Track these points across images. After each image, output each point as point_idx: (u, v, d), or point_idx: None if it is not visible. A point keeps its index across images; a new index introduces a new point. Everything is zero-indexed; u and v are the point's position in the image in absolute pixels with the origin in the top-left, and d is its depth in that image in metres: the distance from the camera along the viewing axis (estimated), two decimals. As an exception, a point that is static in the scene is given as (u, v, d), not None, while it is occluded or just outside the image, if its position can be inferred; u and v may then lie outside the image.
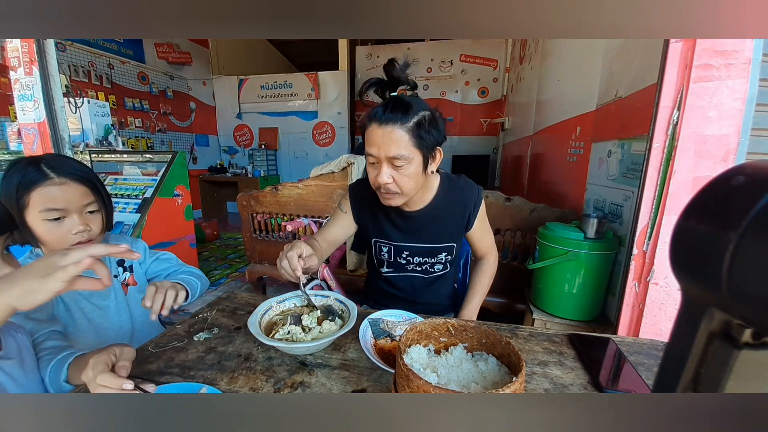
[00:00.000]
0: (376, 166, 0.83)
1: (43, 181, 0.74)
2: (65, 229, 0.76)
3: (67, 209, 0.76)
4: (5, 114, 2.99)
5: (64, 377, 0.65)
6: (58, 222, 0.76)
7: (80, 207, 0.78)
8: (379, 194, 0.88)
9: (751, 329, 0.19)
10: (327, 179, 2.06)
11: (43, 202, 0.73)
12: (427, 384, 0.40)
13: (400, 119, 0.78)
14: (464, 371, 0.51)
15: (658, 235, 1.06)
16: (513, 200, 1.69)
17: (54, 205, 0.74)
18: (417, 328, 0.55)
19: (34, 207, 0.73)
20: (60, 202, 0.75)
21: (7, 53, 1.57)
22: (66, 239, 0.76)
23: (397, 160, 0.80)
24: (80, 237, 0.78)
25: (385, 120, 0.78)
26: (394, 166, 0.81)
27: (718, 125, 0.97)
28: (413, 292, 1.06)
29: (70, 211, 0.76)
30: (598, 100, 1.58)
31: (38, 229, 0.75)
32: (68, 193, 0.76)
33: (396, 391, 0.47)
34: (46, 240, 0.77)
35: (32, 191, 0.73)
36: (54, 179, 0.75)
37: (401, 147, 0.79)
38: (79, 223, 0.77)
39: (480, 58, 5.10)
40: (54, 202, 0.74)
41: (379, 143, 0.79)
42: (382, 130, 0.79)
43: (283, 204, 2.18)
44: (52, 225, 0.75)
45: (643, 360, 0.73)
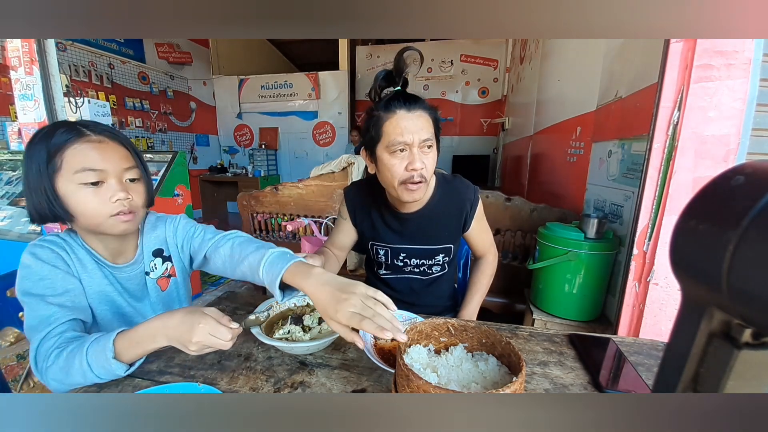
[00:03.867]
0: (404, 154, 0.82)
1: (79, 138, 0.64)
2: (104, 195, 0.65)
3: (105, 171, 0.65)
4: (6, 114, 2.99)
5: (111, 354, 0.59)
6: (95, 187, 0.65)
7: (120, 171, 0.67)
8: (403, 189, 0.84)
9: (751, 329, 0.19)
10: (327, 179, 2.06)
11: (79, 161, 0.63)
12: (427, 384, 0.40)
13: (423, 105, 0.82)
14: (464, 371, 0.51)
15: (658, 235, 1.06)
16: (513, 200, 1.69)
17: (92, 165, 0.64)
18: (417, 328, 0.55)
19: (67, 169, 0.63)
20: (98, 162, 0.64)
21: (7, 53, 1.57)
22: (105, 208, 0.66)
23: (428, 141, 0.82)
24: (120, 206, 0.67)
25: (413, 106, 0.80)
26: (424, 150, 0.83)
27: (719, 125, 0.97)
28: (412, 295, 1.06)
29: (108, 174, 0.66)
30: (598, 100, 1.58)
31: (72, 196, 0.64)
32: (107, 152, 0.66)
33: (396, 391, 0.47)
34: (81, 210, 0.65)
35: (65, 150, 0.63)
36: (90, 136, 0.65)
37: (429, 130, 0.82)
38: (120, 189, 0.66)
39: (480, 58, 5.10)
40: (91, 162, 0.64)
41: (412, 128, 0.79)
42: (412, 114, 0.80)
43: (284, 204, 2.18)
44: (89, 191, 0.64)
45: (643, 360, 0.73)
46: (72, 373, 0.59)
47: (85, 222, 0.68)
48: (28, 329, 0.65)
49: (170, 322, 0.61)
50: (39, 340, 0.62)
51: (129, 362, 0.62)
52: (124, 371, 0.61)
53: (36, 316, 0.64)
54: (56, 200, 0.64)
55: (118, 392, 0.61)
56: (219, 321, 0.60)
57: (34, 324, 0.64)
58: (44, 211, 0.65)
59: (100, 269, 0.74)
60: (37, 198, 0.64)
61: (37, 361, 0.61)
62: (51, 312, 0.64)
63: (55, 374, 0.60)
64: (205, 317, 0.60)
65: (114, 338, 0.60)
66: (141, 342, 0.61)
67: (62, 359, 0.60)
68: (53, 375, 0.60)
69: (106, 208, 0.66)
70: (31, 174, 0.63)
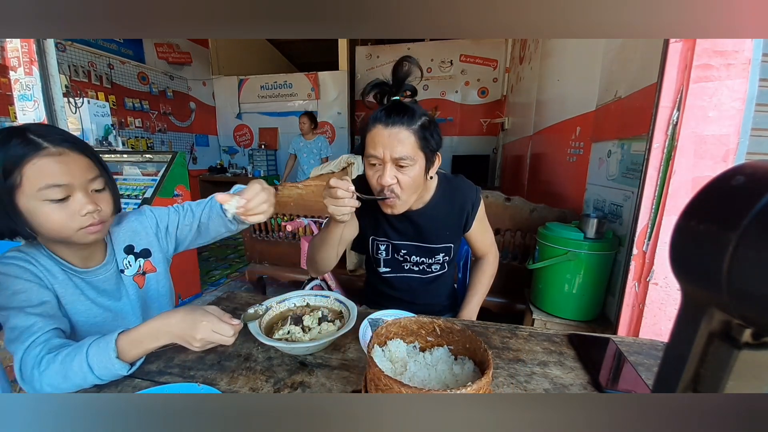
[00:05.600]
0: (379, 168, 0.83)
1: (37, 152, 0.59)
2: (71, 210, 0.62)
3: (71, 185, 0.62)
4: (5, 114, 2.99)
5: (114, 354, 0.59)
6: (62, 203, 0.62)
7: (85, 182, 0.64)
8: (379, 201, 0.86)
9: (751, 329, 0.19)
10: (327, 179, 2.06)
11: (42, 178, 0.59)
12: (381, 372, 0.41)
13: (407, 121, 0.79)
14: (438, 371, 0.52)
15: (657, 235, 1.06)
16: (513, 200, 1.69)
17: (56, 181, 0.60)
18: (401, 323, 0.56)
19: (29, 186, 0.59)
20: (62, 176, 0.61)
21: (7, 53, 1.57)
22: (73, 223, 0.63)
23: (402, 160, 0.79)
24: (90, 219, 0.64)
25: (391, 122, 0.79)
26: (399, 167, 0.81)
27: (718, 125, 0.97)
28: (411, 293, 1.06)
29: (74, 188, 0.62)
30: (597, 100, 1.58)
31: (37, 214, 0.61)
32: (70, 165, 0.62)
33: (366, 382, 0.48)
34: (47, 227, 0.62)
35: (24, 165, 0.58)
36: (50, 149, 0.60)
37: (407, 148, 0.79)
38: (87, 202, 0.63)
39: (480, 58, 5.09)
40: (55, 177, 0.60)
41: (385, 144, 0.79)
42: (389, 131, 0.79)
43: (283, 204, 2.18)
44: (55, 207, 0.61)
45: (643, 360, 0.73)
46: (70, 376, 0.59)
47: (52, 236, 0.65)
48: (9, 342, 0.62)
49: (172, 320, 0.61)
50: (23, 350, 0.60)
51: (131, 362, 0.62)
52: (126, 371, 0.61)
53: (16, 327, 0.62)
54: (17, 217, 0.60)
55: (118, 392, 0.61)
56: (221, 318, 0.62)
57: (16, 336, 0.62)
58: (3, 229, 0.62)
59: (70, 279, 0.72)
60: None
61: (23, 371, 0.60)
62: (32, 322, 0.62)
63: (51, 379, 0.59)
64: (207, 314, 0.61)
65: (116, 338, 0.60)
66: (143, 341, 0.62)
67: (57, 363, 0.59)
68: (49, 380, 0.59)
69: (75, 222, 0.63)
70: None
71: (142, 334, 0.62)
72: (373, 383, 0.43)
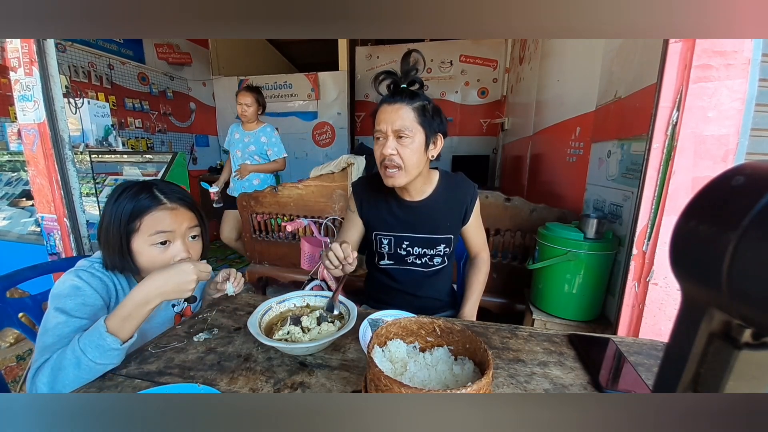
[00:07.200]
0: (382, 141, 0.91)
1: (157, 206, 0.76)
2: (169, 254, 0.77)
3: (174, 233, 0.77)
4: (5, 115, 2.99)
5: (104, 329, 0.62)
6: (164, 247, 0.77)
7: (185, 231, 0.79)
8: (383, 173, 0.94)
9: (751, 329, 0.19)
10: (327, 179, 2.06)
11: (154, 225, 0.75)
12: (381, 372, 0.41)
13: (407, 100, 0.89)
14: (438, 372, 0.51)
15: (657, 235, 1.06)
16: (513, 200, 1.69)
17: (164, 228, 0.76)
18: (401, 323, 0.56)
19: (144, 231, 0.75)
20: (170, 225, 0.76)
21: (7, 53, 1.57)
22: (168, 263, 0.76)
23: (402, 131, 0.88)
24: None
25: (394, 100, 0.89)
26: (399, 139, 0.89)
27: (718, 125, 0.97)
28: (413, 285, 1.08)
29: (176, 235, 0.78)
30: (597, 100, 1.58)
31: (144, 254, 0.76)
32: (178, 217, 0.78)
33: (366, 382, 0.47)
34: (147, 266, 0.76)
35: (145, 216, 0.74)
36: (166, 204, 0.77)
37: (406, 121, 0.88)
38: (183, 249, 0.78)
39: (480, 58, 5.10)
40: (164, 226, 0.76)
41: (387, 118, 0.89)
42: (391, 107, 0.89)
43: (283, 204, 2.18)
44: (158, 250, 0.76)
45: (643, 360, 0.73)
46: (64, 365, 0.60)
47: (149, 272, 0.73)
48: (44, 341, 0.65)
49: (159, 281, 0.67)
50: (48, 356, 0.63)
51: (125, 339, 0.65)
52: (119, 344, 0.63)
53: (58, 333, 0.66)
54: (130, 256, 0.76)
55: (118, 393, 0.61)
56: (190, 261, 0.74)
57: (53, 341, 0.65)
58: (116, 263, 0.76)
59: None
60: (112, 250, 0.75)
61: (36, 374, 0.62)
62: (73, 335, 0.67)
63: (43, 377, 0.60)
64: (183, 262, 0.72)
65: (103, 320, 0.64)
66: (132, 313, 0.65)
67: (53, 360, 0.61)
68: (43, 379, 0.60)
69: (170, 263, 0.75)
70: (111, 230, 0.74)
71: (129, 308, 0.65)
72: (373, 383, 0.43)
